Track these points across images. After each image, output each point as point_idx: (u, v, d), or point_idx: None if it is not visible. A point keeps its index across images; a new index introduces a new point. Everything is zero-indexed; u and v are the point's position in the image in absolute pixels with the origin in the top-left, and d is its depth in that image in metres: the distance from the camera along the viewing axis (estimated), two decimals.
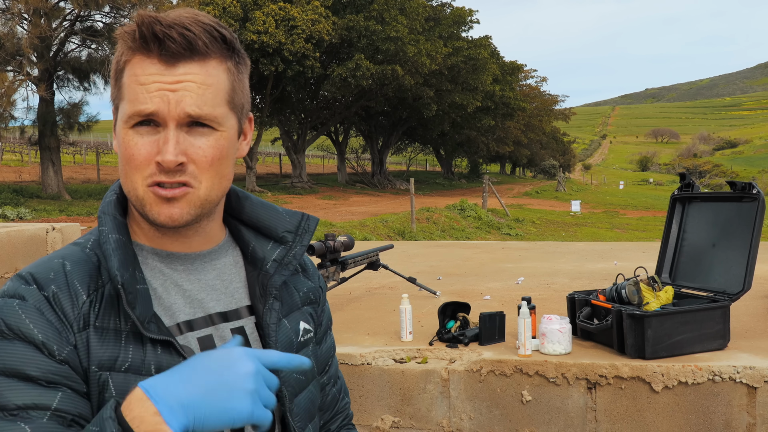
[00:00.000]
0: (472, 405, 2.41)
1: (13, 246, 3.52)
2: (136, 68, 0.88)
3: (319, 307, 1.15)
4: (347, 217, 15.94)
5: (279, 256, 1.03)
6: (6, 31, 15.91)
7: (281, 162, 37.66)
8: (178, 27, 0.85)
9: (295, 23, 22.84)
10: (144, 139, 0.87)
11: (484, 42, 33.31)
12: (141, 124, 0.87)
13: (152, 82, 0.86)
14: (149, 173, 0.87)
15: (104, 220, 0.92)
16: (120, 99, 0.90)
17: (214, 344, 0.95)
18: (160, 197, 0.88)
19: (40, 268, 0.87)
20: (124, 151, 0.88)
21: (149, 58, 0.87)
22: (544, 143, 66.92)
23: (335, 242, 3.02)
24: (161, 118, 0.86)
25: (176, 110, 0.86)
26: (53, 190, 17.88)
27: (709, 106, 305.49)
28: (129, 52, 0.89)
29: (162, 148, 0.86)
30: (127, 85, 0.88)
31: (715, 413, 2.20)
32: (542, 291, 3.75)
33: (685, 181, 2.81)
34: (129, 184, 0.90)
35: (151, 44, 0.86)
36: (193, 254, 0.97)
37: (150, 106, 0.86)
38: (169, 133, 0.86)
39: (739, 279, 2.43)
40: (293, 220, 1.06)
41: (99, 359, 0.84)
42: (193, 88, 0.87)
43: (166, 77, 0.86)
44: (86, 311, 0.86)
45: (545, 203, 30.39)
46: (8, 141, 35.24)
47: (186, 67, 0.87)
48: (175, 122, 0.87)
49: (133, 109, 0.87)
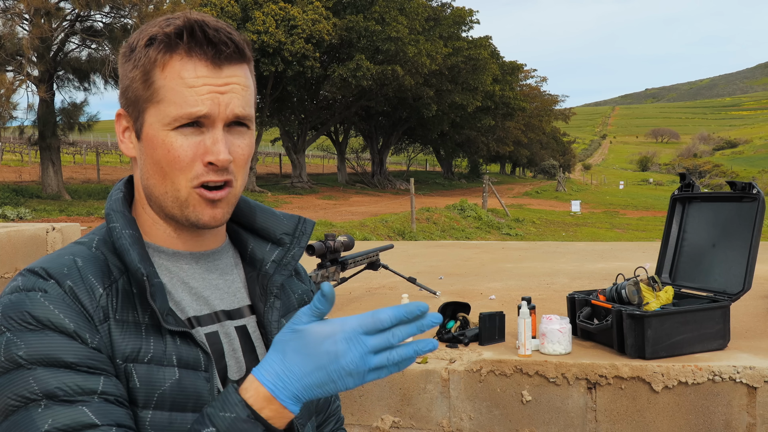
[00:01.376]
0: (472, 405, 2.41)
1: (13, 246, 3.52)
2: (181, 71, 0.88)
3: None
4: (347, 217, 15.93)
5: (278, 257, 1.04)
6: (6, 31, 15.91)
7: (281, 162, 37.67)
8: (224, 32, 0.89)
9: (296, 23, 22.84)
10: (189, 140, 0.89)
11: (484, 42, 33.33)
12: (185, 125, 0.88)
13: (202, 84, 0.88)
14: (195, 174, 0.89)
15: (115, 217, 0.93)
16: (154, 101, 0.90)
17: (220, 341, 0.96)
18: (206, 199, 0.90)
19: (53, 264, 0.87)
20: (167, 153, 0.89)
21: (192, 60, 0.88)
22: (544, 143, 66.93)
23: (335, 242, 3.02)
24: (211, 119, 0.89)
25: (225, 111, 0.89)
26: (53, 190, 17.88)
27: (709, 106, 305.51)
28: (165, 53, 0.88)
29: (212, 149, 0.88)
30: (170, 87, 0.88)
31: (715, 413, 2.20)
32: (542, 291, 3.75)
33: (685, 181, 2.81)
34: (169, 186, 0.90)
35: (206, 47, 0.88)
36: (197, 253, 0.99)
37: (202, 108, 0.87)
38: (218, 134, 0.89)
39: (739, 279, 2.43)
40: (290, 222, 1.08)
41: (122, 351, 0.85)
42: (239, 90, 0.90)
43: (215, 80, 0.88)
44: (104, 304, 0.86)
45: (545, 203, 30.39)
46: (8, 141, 35.26)
47: (230, 70, 0.90)
48: (223, 123, 0.89)
49: (182, 111, 0.88)
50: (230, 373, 0.97)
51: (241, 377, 0.98)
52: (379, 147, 37.60)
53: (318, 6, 23.52)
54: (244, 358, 0.99)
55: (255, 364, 0.99)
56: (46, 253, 3.77)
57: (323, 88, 28.56)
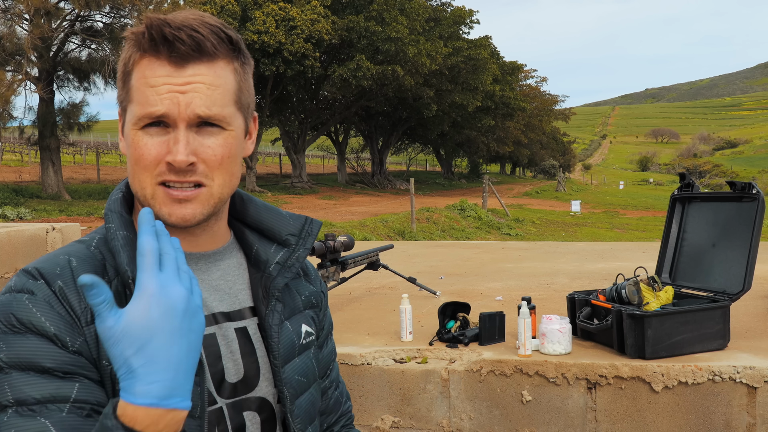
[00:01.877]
0: (472, 405, 2.41)
1: (13, 246, 3.52)
2: (145, 70, 0.89)
3: (321, 311, 1.16)
4: (347, 217, 15.93)
5: (282, 258, 1.04)
6: (6, 31, 15.91)
7: (281, 162, 37.65)
8: (187, 29, 0.87)
9: (295, 23, 22.84)
10: (154, 139, 0.89)
11: (484, 42, 33.30)
12: (151, 125, 0.89)
13: (162, 84, 0.87)
14: (158, 172, 0.89)
15: (111, 218, 0.93)
16: (128, 101, 0.91)
17: (216, 343, 0.96)
18: (171, 198, 0.90)
19: (47, 264, 0.88)
20: (134, 151, 0.90)
21: (158, 59, 0.88)
22: (544, 143, 66.92)
23: (335, 242, 3.02)
24: (171, 119, 0.88)
25: (186, 111, 0.88)
26: (53, 190, 17.88)
27: (709, 106, 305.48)
28: (137, 54, 0.89)
29: (172, 149, 0.88)
30: (136, 87, 0.89)
31: (715, 413, 2.20)
32: (542, 291, 3.75)
33: (685, 181, 2.81)
34: (137, 184, 0.91)
35: (161, 46, 0.87)
36: (198, 254, 0.98)
37: (160, 108, 0.87)
38: (180, 134, 0.88)
39: (739, 279, 2.43)
40: (297, 223, 1.07)
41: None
42: (202, 89, 0.88)
43: (176, 79, 0.88)
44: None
45: (545, 203, 30.38)
46: (8, 141, 35.25)
47: (195, 69, 0.88)
48: (185, 123, 0.88)
49: (144, 111, 0.88)
50: (228, 376, 0.96)
51: (239, 379, 0.97)
52: (379, 147, 37.60)
53: (317, 5, 23.51)
54: (243, 361, 0.98)
55: (254, 368, 0.99)
56: (46, 254, 3.78)
57: (323, 88, 28.55)
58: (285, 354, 1.02)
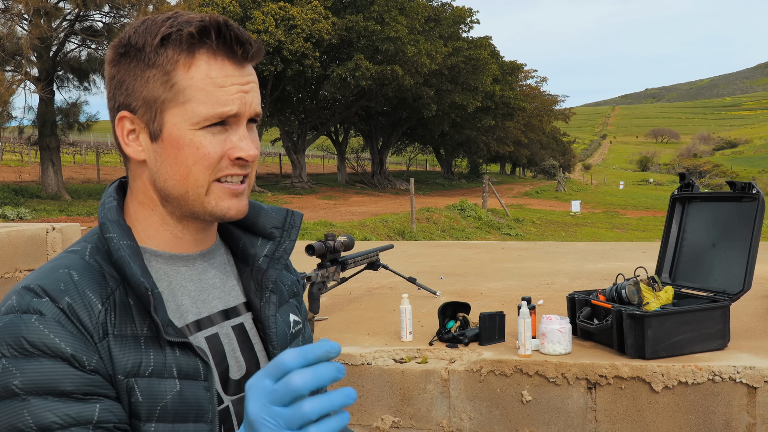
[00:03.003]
0: (472, 405, 2.41)
1: (13, 246, 3.51)
2: (209, 70, 0.88)
3: (301, 298, 1.19)
4: (347, 217, 15.93)
5: (269, 251, 1.05)
6: (6, 31, 15.91)
7: (281, 162, 37.65)
8: (243, 31, 0.90)
9: (295, 23, 22.84)
10: (216, 138, 0.90)
11: (484, 42, 33.31)
12: (213, 124, 0.90)
13: (231, 84, 0.89)
14: (219, 168, 0.91)
15: (111, 227, 0.90)
16: (178, 101, 0.88)
17: (220, 342, 0.97)
18: (230, 192, 0.92)
19: (48, 280, 0.84)
20: (195, 151, 0.89)
21: (217, 59, 0.89)
22: (544, 143, 66.89)
23: (335, 242, 3.02)
24: (238, 117, 0.91)
25: (250, 110, 0.91)
26: (53, 190, 17.88)
27: (709, 106, 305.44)
28: (188, 52, 0.88)
29: (239, 145, 0.90)
30: (197, 87, 0.88)
31: (715, 413, 2.20)
32: (542, 291, 3.75)
33: (685, 181, 2.81)
34: (191, 183, 0.90)
35: (235, 46, 0.89)
36: (193, 254, 0.99)
37: (233, 108, 0.89)
38: (244, 131, 0.91)
39: (739, 279, 2.43)
40: (279, 216, 1.08)
41: (123, 367, 0.84)
42: (255, 89, 0.93)
43: (240, 78, 0.90)
44: (103, 320, 0.84)
45: (545, 203, 30.38)
46: (8, 141, 35.24)
47: (249, 69, 0.92)
48: (246, 120, 0.92)
49: (213, 111, 0.88)
50: (232, 373, 0.97)
51: (242, 376, 0.98)
52: (379, 147, 37.59)
53: (317, 5, 23.51)
54: (243, 357, 0.99)
55: (254, 362, 1.00)
56: (46, 254, 3.76)
57: (323, 88, 28.53)
58: (281, 344, 1.04)
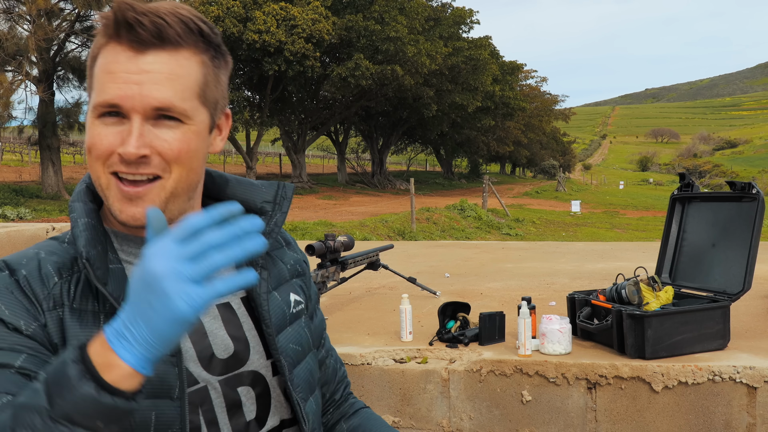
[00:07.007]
0: (472, 405, 2.41)
1: (13, 246, 3.51)
2: (107, 56, 0.86)
3: (307, 278, 1.17)
4: (347, 217, 15.93)
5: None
6: (8, 31, 15.91)
7: (281, 162, 37.66)
8: (151, 15, 0.84)
9: (296, 23, 22.85)
10: (108, 129, 0.86)
11: (485, 42, 33.31)
12: (107, 114, 0.86)
13: (119, 71, 0.84)
14: (110, 163, 0.87)
15: (74, 207, 0.94)
16: (90, 88, 0.89)
17: (201, 322, 0.96)
18: (122, 192, 0.87)
19: (15, 257, 0.91)
20: (88, 140, 0.88)
21: (120, 45, 0.85)
22: (544, 143, 66.93)
23: (335, 242, 3.02)
24: (125, 109, 0.85)
25: (141, 102, 0.84)
26: (53, 190, 17.88)
27: (709, 106, 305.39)
28: (103, 40, 0.87)
29: (125, 140, 0.85)
30: (96, 74, 0.87)
31: (715, 413, 2.21)
32: (542, 291, 3.75)
33: (685, 181, 2.81)
34: (93, 174, 0.90)
35: (122, 30, 0.84)
36: None
37: (108, 96, 0.84)
38: (133, 126, 0.85)
39: (739, 279, 2.43)
40: (270, 190, 1.07)
41: (78, 339, 0.85)
42: (160, 79, 0.85)
43: (132, 66, 0.84)
44: (57, 292, 0.88)
45: (545, 203, 30.38)
46: (8, 141, 35.23)
47: (154, 56, 0.85)
48: (140, 114, 0.85)
49: (98, 99, 0.86)
50: (217, 352, 0.96)
51: (229, 355, 0.97)
52: (379, 147, 37.60)
53: (318, 5, 23.52)
54: (230, 335, 0.98)
55: (242, 341, 0.99)
56: None
57: (323, 88, 28.55)
58: (277, 323, 1.02)
